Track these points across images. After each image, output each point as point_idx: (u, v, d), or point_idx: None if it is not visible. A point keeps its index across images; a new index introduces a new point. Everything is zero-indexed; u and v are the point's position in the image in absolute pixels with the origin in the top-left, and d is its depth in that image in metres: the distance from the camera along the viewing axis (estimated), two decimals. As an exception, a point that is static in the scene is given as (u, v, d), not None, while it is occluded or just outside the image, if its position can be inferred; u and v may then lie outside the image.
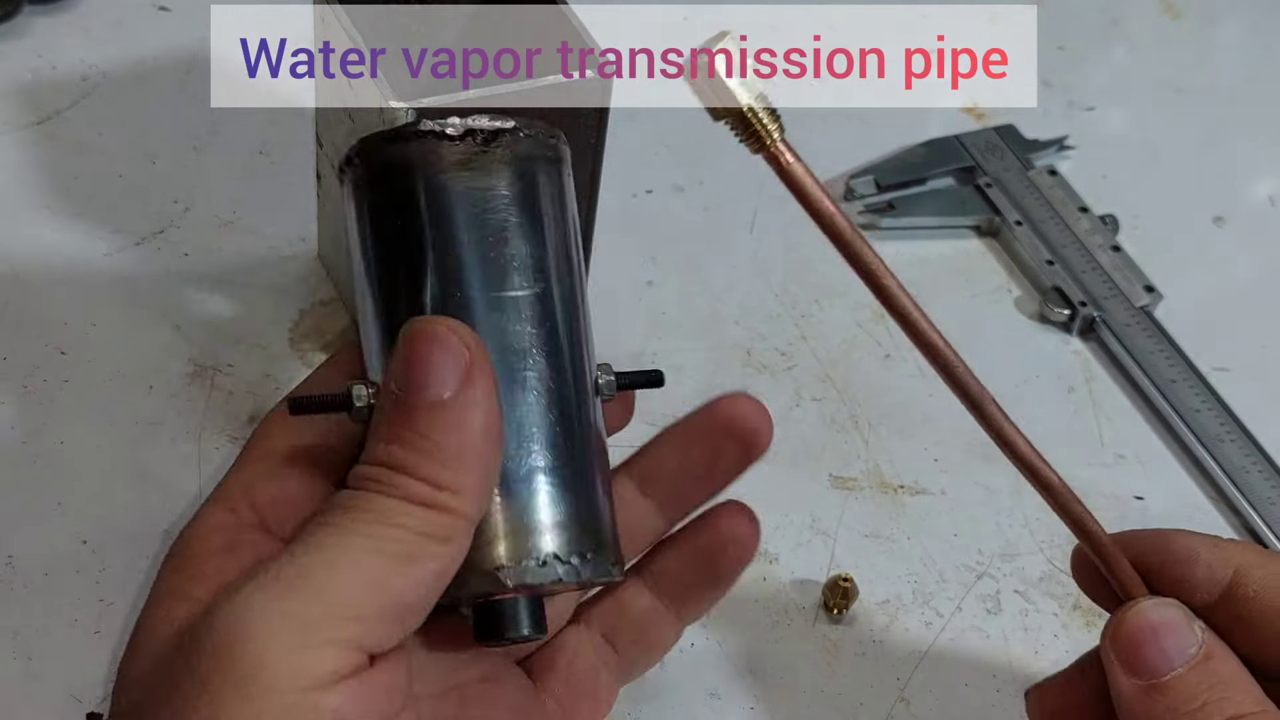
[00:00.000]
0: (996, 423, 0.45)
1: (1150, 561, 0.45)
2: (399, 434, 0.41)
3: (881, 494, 0.64)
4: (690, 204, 0.76)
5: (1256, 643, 0.44)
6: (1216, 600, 0.44)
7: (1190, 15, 0.92)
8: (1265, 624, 0.44)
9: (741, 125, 0.41)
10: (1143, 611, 0.44)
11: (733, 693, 0.57)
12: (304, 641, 0.38)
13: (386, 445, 0.41)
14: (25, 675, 0.54)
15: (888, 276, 0.42)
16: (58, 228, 0.69)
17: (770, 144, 0.41)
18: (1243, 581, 0.44)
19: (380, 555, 0.39)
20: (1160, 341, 0.71)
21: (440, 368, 0.41)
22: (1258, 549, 0.45)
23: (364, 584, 0.39)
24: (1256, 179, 0.83)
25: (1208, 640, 0.43)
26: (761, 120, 0.41)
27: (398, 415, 0.41)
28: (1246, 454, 0.66)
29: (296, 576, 0.39)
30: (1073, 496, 0.45)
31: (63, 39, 0.77)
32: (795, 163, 0.41)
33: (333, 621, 0.38)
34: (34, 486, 0.59)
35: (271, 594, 0.38)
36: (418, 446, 0.40)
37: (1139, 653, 0.43)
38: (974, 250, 0.76)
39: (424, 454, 0.40)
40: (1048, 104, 0.84)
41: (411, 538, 0.40)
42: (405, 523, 0.40)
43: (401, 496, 0.40)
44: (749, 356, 0.69)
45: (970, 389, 0.44)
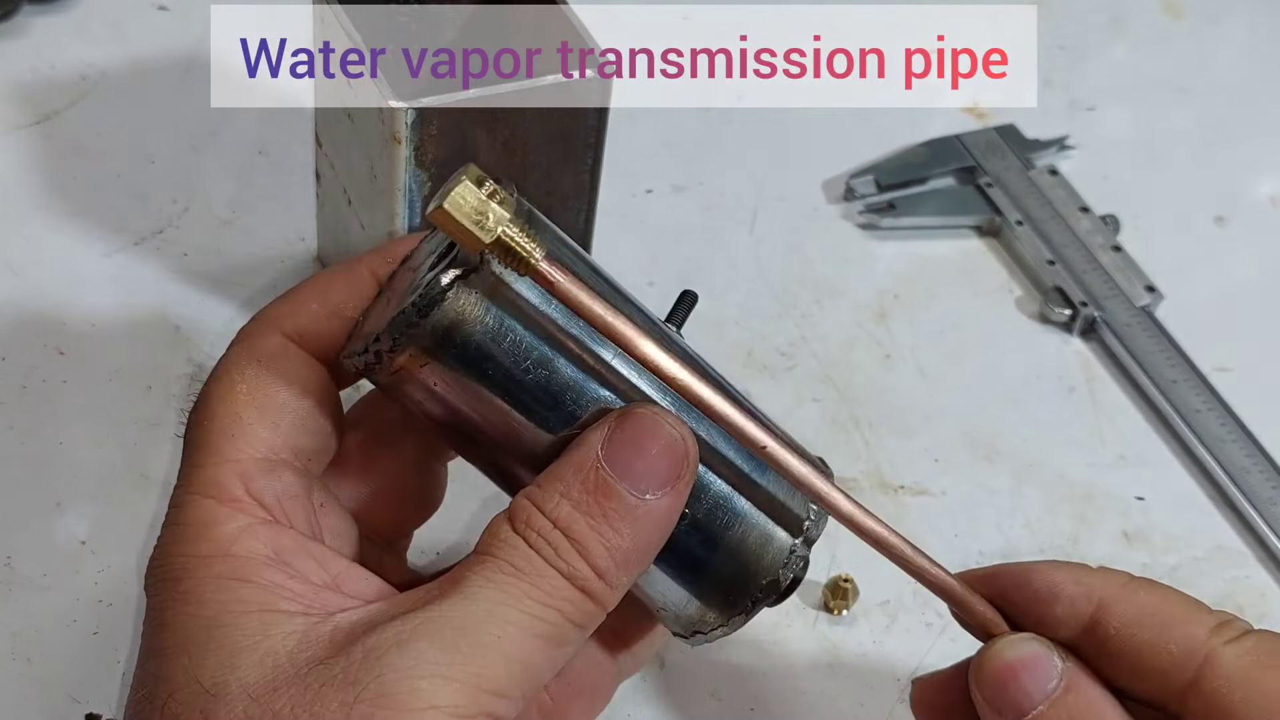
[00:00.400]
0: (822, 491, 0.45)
1: (1014, 598, 0.45)
2: (590, 507, 0.42)
3: (882, 494, 0.64)
4: (690, 204, 0.76)
5: (1122, 674, 0.44)
6: (1081, 633, 0.44)
7: (1191, 15, 0.92)
8: (1128, 658, 0.44)
9: (502, 251, 0.40)
10: (1001, 651, 0.44)
11: (733, 693, 0.57)
12: (466, 710, 0.39)
13: (574, 511, 0.42)
14: (25, 675, 0.54)
15: (692, 379, 0.43)
16: (57, 227, 0.69)
17: (535, 264, 0.40)
18: (1104, 618, 0.44)
19: (537, 638, 0.41)
20: (1161, 342, 0.71)
21: (657, 469, 0.42)
22: (1123, 578, 0.45)
23: (521, 665, 0.40)
24: (1257, 179, 0.83)
25: (1068, 673, 0.43)
26: (519, 242, 0.40)
27: (596, 489, 0.42)
28: (1248, 454, 0.66)
29: (462, 639, 0.40)
30: (914, 550, 0.45)
31: (61, 39, 0.77)
32: (563, 279, 0.41)
33: (489, 696, 0.40)
34: (34, 486, 0.59)
35: (438, 650, 0.39)
36: (602, 534, 0.42)
37: (1002, 693, 0.43)
38: (975, 250, 0.76)
39: (605, 545, 0.42)
40: (1048, 104, 0.84)
41: (565, 624, 0.41)
42: (563, 608, 0.41)
43: (567, 575, 0.41)
44: (749, 356, 0.69)
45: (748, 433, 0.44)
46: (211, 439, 0.44)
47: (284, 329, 0.46)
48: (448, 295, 0.41)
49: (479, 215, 0.40)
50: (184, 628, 0.41)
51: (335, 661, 0.39)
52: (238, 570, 0.42)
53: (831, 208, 0.77)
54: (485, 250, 0.40)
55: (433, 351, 0.42)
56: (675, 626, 0.48)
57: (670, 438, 0.42)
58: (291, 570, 0.42)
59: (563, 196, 0.61)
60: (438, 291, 0.41)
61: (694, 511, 0.44)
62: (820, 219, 0.76)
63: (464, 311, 0.41)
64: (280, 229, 0.70)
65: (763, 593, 0.46)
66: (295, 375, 0.45)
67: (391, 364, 0.42)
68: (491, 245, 0.40)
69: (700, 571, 0.45)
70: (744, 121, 0.80)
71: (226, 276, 0.68)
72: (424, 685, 0.39)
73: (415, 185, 0.57)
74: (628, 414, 0.42)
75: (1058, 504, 0.65)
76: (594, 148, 0.60)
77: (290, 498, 0.44)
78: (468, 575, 0.41)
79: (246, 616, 0.41)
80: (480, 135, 0.57)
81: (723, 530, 0.45)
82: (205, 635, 0.41)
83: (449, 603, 0.40)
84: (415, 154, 0.56)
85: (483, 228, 0.40)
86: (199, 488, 0.43)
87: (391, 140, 0.56)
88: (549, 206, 0.61)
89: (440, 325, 0.41)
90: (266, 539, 0.42)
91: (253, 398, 0.44)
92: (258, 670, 0.40)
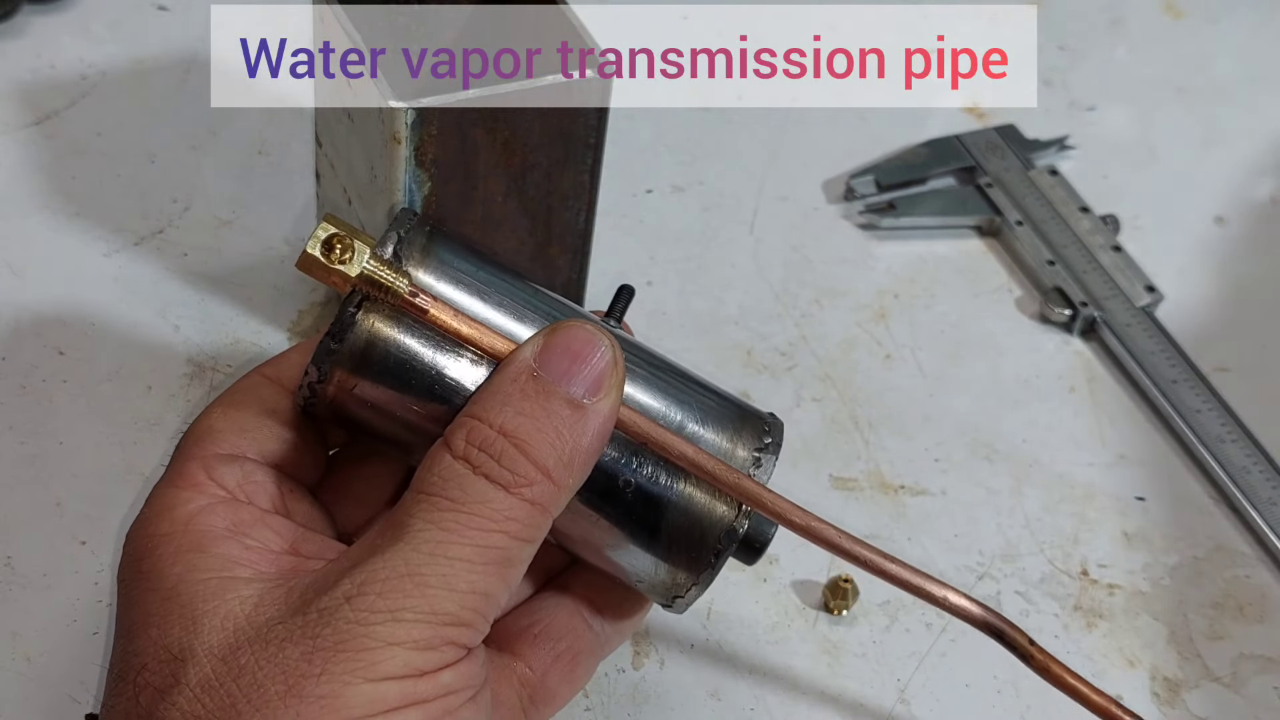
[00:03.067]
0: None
1: None
2: (532, 410, 0.43)
3: (882, 494, 0.64)
4: (690, 204, 0.76)
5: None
6: None
7: (1192, 15, 0.92)
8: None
9: (371, 286, 0.45)
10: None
11: (733, 693, 0.57)
12: (428, 641, 0.41)
13: (517, 415, 0.43)
14: (25, 675, 0.54)
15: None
16: (56, 227, 0.69)
17: (404, 294, 0.45)
18: None
19: (485, 565, 0.42)
20: (1161, 341, 0.71)
21: (590, 372, 0.44)
22: None
23: (473, 594, 0.42)
24: (1257, 179, 0.83)
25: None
26: (385, 277, 0.45)
27: (536, 392, 0.43)
28: (1248, 454, 0.66)
29: (409, 583, 0.41)
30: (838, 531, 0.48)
31: (61, 39, 0.77)
32: (433, 308, 0.45)
33: (448, 628, 0.41)
34: (33, 486, 0.59)
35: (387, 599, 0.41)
36: (546, 432, 0.43)
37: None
38: (975, 250, 0.76)
39: (550, 443, 0.43)
40: (1048, 104, 0.84)
41: (511, 544, 0.43)
42: (508, 529, 0.42)
43: (510, 486, 0.42)
44: (749, 356, 0.69)
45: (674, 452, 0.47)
46: (184, 447, 0.47)
47: (264, 372, 0.49)
48: (356, 319, 0.46)
49: (342, 257, 0.44)
50: (148, 603, 0.43)
51: (293, 621, 0.41)
52: (195, 543, 0.43)
53: (831, 208, 0.77)
54: (356, 286, 0.45)
55: (357, 371, 0.46)
56: (655, 596, 0.50)
57: (597, 341, 0.44)
58: (249, 541, 0.44)
59: (563, 196, 0.61)
60: (348, 318, 0.46)
61: (636, 480, 0.47)
62: (820, 219, 0.76)
63: (374, 331, 0.46)
64: (280, 229, 0.70)
65: (722, 542, 0.48)
66: (267, 400, 0.48)
67: (326, 393, 0.46)
68: (357, 281, 0.44)
69: (657, 533, 0.47)
70: (744, 121, 0.80)
71: (226, 276, 0.68)
72: (380, 630, 0.41)
73: (415, 185, 0.57)
74: (555, 326, 0.45)
75: (1058, 504, 0.65)
76: (594, 148, 0.60)
77: (252, 482, 0.46)
78: (407, 520, 0.43)
79: (205, 584, 0.42)
80: (480, 135, 0.57)
81: (667, 491, 0.47)
82: (166, 606, 0.42)
83: (394, 550, 0.42)
84: (415, 154, 0.56)
85: (346, 265, 0.44)
86: (165, 481, 0.46)
87: (391, 140, 0.56)
88: (549, 206, 0.61)
89: (356, 347, 0.46)
90: (224, 514, 0.44)
91: (225, 415, 0.47)
92: (219, 633, 0.41)
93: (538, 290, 0.49)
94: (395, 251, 0.46)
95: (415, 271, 0.46)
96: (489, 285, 0.48)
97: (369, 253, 0.44)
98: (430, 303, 0.45)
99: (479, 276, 0.48)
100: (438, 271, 0.47)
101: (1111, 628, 0.60)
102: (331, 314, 0.67)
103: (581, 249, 0.64)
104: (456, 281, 0.47)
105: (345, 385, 0.46)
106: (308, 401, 0.47)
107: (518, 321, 0.47)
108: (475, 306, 0.47)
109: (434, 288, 0.46)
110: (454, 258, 0.48)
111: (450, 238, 0.49)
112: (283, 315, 0.67)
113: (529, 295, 0.48)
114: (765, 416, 0.50)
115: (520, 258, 0.62)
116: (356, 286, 0.45)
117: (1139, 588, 0.62)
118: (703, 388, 0.49)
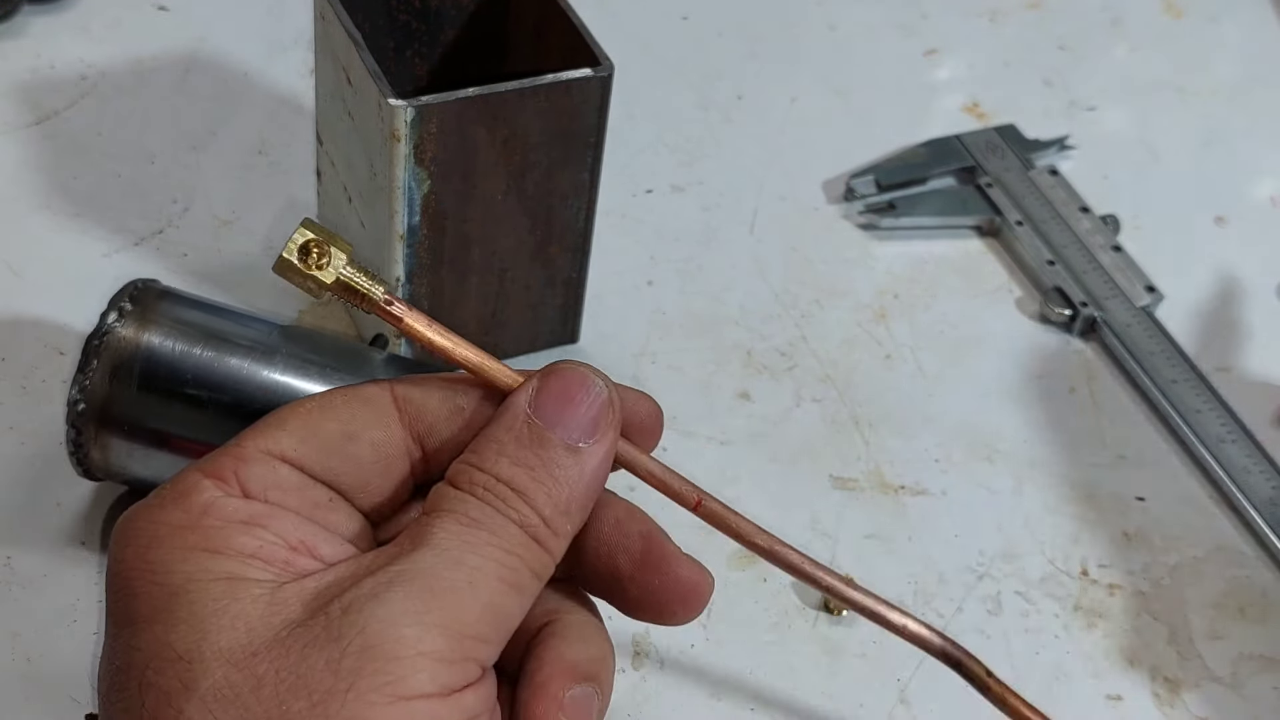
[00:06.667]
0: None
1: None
2: (527, 459, 0.43)
3: (882, 495, 0.64)
4: (690, 204, 0.76)
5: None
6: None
7: (1191, 15, 0.92)
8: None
9: (347, 293, 0.45)
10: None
11: (733, 693, 0.57)
12: (451, 654, 0.40)
13: (513, 465, 0.43)
14: (25, 676, 0.54)
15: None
16: (56, 228, 0.69)
17: (379, 301, 0.45)
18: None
19: (504, 583, 0.42)
20: (1161, 342, 0.71)
21: (585, 417, 0.43)
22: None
23: (494, 610, 0.41)
24: (1257, 179, 0.83)
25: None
26: (361, 283, 0.44)
27: (531, 441, 0.43)
28: (1248, 455, 0.66)
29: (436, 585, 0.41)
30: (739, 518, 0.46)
31: (61, 39, 0.77)
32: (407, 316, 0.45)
33: (470, 641, 0.41)
34: (33, 486, 0.59)
35: (415, 600, 0.40)
36: (543, 482, 0.43)
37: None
38: (975, 250, 0.76)
39: (547, 493, 0.43)
40: (1048, 104, 0.84)
41: (525, 571, 0.42)
42: (523, 555, 0.42)
43: (519, 524, 0.42)
44: (749, 356, 0.69)
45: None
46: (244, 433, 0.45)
47: (395, 390, 0.46)
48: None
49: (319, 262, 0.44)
50: (152, 596, 0.41)
51: (314, 622, 0.40)
52: (207, 541, 0.42)
53: (831, 208, 0.77)
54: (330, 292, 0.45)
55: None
56: None
57: (590, 383, 0.44)
58: (263, 537, 0.43)
59: (563, 195, 0.61)
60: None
61: None
62: (820, 219, 0.76)
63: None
64: (280, 229, 0.70)
65: None
66: (344, 413, 0.45)
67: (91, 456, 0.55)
68: (333, 287, 0.44)
69: None
70: (744, 121, 0.80)
71: (226, 276, 0.68)
72: (409, 633, 0.40)
73: (415, 183, 0.57)
74: (550, 369, 0.44)
75: (1058, 504, 0.65)
76: (594, 148, 0.60)
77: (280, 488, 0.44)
78: (428, 531, 0.42)
79: (214, 584, 0.41)
80: (480, 134, 0.57)
81: None
82: (173, 603, 0.41)
83: (417, 555, 0.41)
84: (415, 152, 0.56)
85: (322, 271, 0.44)
86: (197, 465, 0.44)
87: (391, 138, 0.56)
88: (549, 205, 0.61)
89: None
90: (239, 507, 0.43)
91: (305, 421, 0.45)
92: (229, 634, 0.40)
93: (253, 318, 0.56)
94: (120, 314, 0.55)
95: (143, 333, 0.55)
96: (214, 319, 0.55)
97: (345, 259, 0.44)
98: (405, 311, 0.45)
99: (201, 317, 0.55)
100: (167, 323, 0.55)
101: (1111, 628, 0.60)
102: (332, 314, 0.67)
103: (581, 248, 0.64)
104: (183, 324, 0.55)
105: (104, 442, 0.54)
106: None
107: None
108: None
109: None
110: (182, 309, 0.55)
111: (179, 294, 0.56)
112: (283, 315, 0.66)
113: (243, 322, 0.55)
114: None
115: (520, 257, 0.62)
116: (333, 291, 0.45)
117: (1139, 588, 0.62)
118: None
